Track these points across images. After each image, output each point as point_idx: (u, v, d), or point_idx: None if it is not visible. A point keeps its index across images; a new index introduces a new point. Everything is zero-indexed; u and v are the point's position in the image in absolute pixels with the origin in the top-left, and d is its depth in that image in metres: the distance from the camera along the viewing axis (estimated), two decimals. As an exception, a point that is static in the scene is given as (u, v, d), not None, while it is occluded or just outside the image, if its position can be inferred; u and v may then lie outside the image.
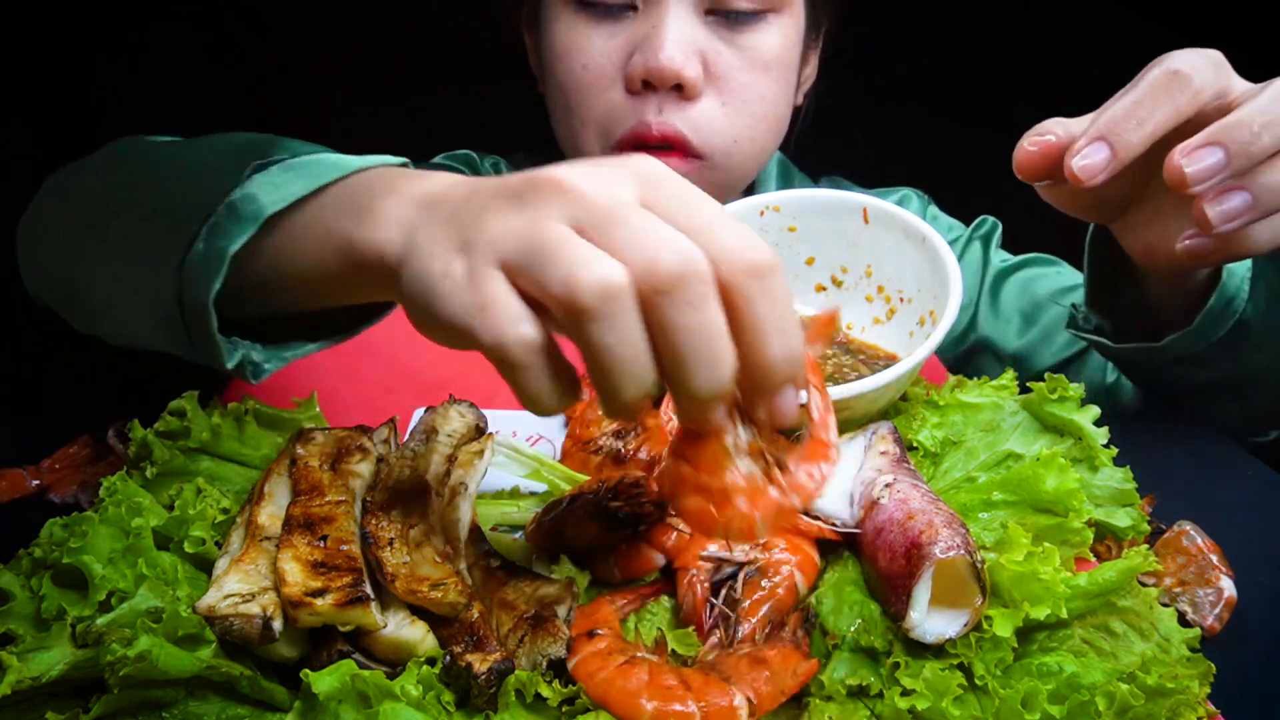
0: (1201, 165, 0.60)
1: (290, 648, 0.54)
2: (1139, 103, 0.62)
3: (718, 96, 0.99)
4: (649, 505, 0.62)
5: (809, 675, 0.55)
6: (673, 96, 0.97)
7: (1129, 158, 0.62)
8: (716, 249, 0.44)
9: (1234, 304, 0.75)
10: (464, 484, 0.62)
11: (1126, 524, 0.66)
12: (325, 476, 0.61)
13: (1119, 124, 0.62)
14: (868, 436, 0.67)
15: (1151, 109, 0.62)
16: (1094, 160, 0.62)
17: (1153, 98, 0.62)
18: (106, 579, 0.55)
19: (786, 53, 1.02)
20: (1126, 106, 0.62)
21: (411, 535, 0.57)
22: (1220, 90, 0.63)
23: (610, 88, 1.00)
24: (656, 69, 0.94)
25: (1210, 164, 0.60)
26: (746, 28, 0.98)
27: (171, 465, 0.66)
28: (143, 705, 0.51)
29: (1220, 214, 0.60)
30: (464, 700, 0.53)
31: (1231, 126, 0.60)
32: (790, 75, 1.04)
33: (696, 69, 0.96)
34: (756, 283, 0.44)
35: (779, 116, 1.05)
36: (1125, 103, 0.63)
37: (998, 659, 0.53)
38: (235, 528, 0.61)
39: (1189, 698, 0.51)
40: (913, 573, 0.54)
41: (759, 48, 0.99)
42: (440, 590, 0.54)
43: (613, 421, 0.75)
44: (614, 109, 1.00)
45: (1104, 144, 0.61)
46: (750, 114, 1.01)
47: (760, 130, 1.03)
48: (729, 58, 0.98)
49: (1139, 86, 0.63)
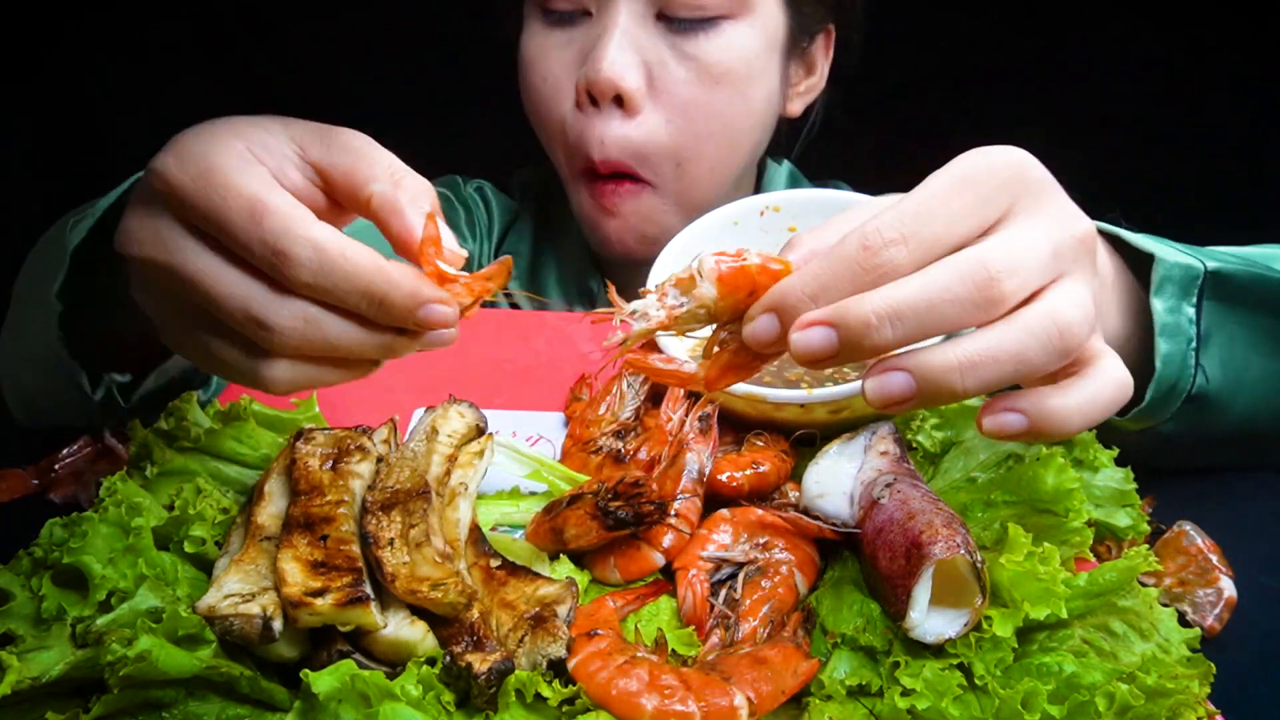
0: (806, 343, 0.46)
1: (290, 648, 0.54)
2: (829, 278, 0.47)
3: (662, 112, 0.96)
4: (649, 505, 0.62)
5: (809, 675, 0.55)
6: (615, 111, 0.95)
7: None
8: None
9: (1178, 385, 0.72)
10: (464, 484, 0.62)
11: (1126, 524, 0.66)
12: (325, 476, 0.61)
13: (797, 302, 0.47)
14: (868, 436, 0.67)
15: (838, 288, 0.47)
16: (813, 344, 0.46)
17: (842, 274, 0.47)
18: (106, 579, 0.55)
19: (744, 62, 0.97)
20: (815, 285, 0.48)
21: (411, 535, 0.57)
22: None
23: (564, 100, 0.99)
24: (595, 81, 0.93)
25: (815, 344, 0.46)
26: (697, 34, 0.95)
27: (171, 465, 0.66)
28: (143, 705, 0.51)
29: (877, 395, 0.47)
30: (464, 700, 0.53)
31: (845, 308, 0.45)
32: (752, 85, 1.00)
33: (636, 80, 0.94)
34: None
35: (737, 129, 1.01)
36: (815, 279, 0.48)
37: (998, 659, 0.53)
38: (235, 528, 0.61)
39: (1189, 698, 0.51)
40: (913, 573, 0.54)
41: (709, 57, 0.95)
42: (440, 590, 0.54)
43: (613, 421, 0.75)
44: (568, 126, 0.99)
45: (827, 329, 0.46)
46: (695, 131, 0.98)
47: (709, 148, 0.99)
48: (675, 69, 0.95)
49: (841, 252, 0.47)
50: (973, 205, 0.47)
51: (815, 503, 0.65)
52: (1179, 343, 0.71)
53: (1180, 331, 0.71)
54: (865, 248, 0.46)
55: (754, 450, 0.70)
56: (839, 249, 0.46)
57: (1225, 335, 0.73)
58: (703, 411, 0.70)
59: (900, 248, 0.45)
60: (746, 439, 0.72)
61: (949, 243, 0.46)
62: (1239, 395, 0.75)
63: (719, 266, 0.49)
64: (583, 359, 0.91)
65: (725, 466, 0.68)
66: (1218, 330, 0.72)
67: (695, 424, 0.69)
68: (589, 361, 0.91)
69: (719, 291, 0.49)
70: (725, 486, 0.67)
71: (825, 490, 0.65)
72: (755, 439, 0.71)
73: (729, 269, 0.49)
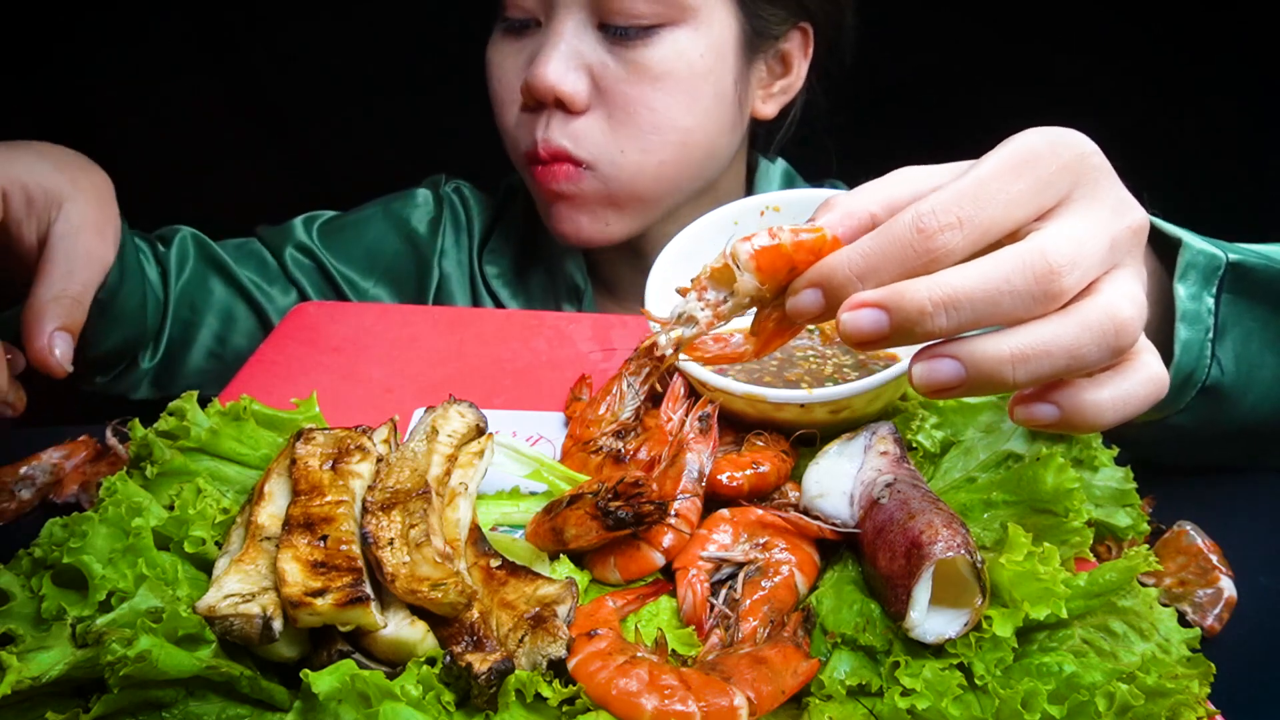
0: (856, 325, 0.45)
1: (290, 648, 0.54)
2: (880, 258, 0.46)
3: (604, 110, 1.01)
4: (649, 505, 0.62)
5: (809, 675, 0.55)
6: (558, 113, 1.00)
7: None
8: None
9: (1194, 375, 0.71)
10: (464, 484, 0.62)
11: (1126, 524, 0.66)
12: (325, 476, 0.61)
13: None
14: (868, 436, 0.67)
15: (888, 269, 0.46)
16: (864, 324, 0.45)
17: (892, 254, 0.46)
18: (106, 579, 0.55)
19: (686, 65, 1.00)
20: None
21: (411, 535, 0.57)
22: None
23: (515, 103, 1.04)
24: (534, 86, 0.98)
25: (866, 326, 0.45)
26: (637, 42, 0.98)
27: (171, 465, 0.66)
28: (143, 705, 0.51)
29: (924, 381, 0.46)
30: (464, 700, 0.53)
31: (903, 290, 0.44)
32: (698, 88, 1.02)
33: (575, 85, 0.98)
34: None
35: (684, 129, 1.03)
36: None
37: (998, 659, 0.53)
38: (235, 528, 0.61)
39: (1189, 698, 0.51)
40: (913, 573, 0.54)
41: (650, 62, 0.99)
42: (440, 590, 0.54)
43: (613, 421, 0.75)
44: (518, 125, 1.05)
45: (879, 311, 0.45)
46: (638, 125, 1.01)
47: (654, 141, 1.02)
48: (616, 72, 0.99)
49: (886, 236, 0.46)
50: (1032, 189, 0.46)
51: (815, 503, 0.65)
52: (1198, 331, 0.70)
53: (1200, 320, 0.71)
54: (919, 230, 0.44)
55: (754, 450, 0.70)
56: (891, 229, 0.45)
57: (1242, 329, 0.73)
58: (703, 411, 0.70)
59: (955, 232, 0.44)
60: (746, 439, 0.72)
61: (1005, 227, 0.45)
62: (1250, 391, 0.75)
63: (755, 251, 0.47)
64: (583, 359, 0.91)
65: (725, 466, 0.68)
66: (1234, 324, 0.72)
67: (695, 424, 0.69)
68: (589, 361, 0.91)
69: (759, 279, 0.48)
70: (725, 486, 0.67)
71: (825, 490, 0.65)
72: (755, 439, 0.71)
73: (765, 251, 0.47)
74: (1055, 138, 0.47)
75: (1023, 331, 0.44)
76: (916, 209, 0.44)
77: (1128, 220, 0.48)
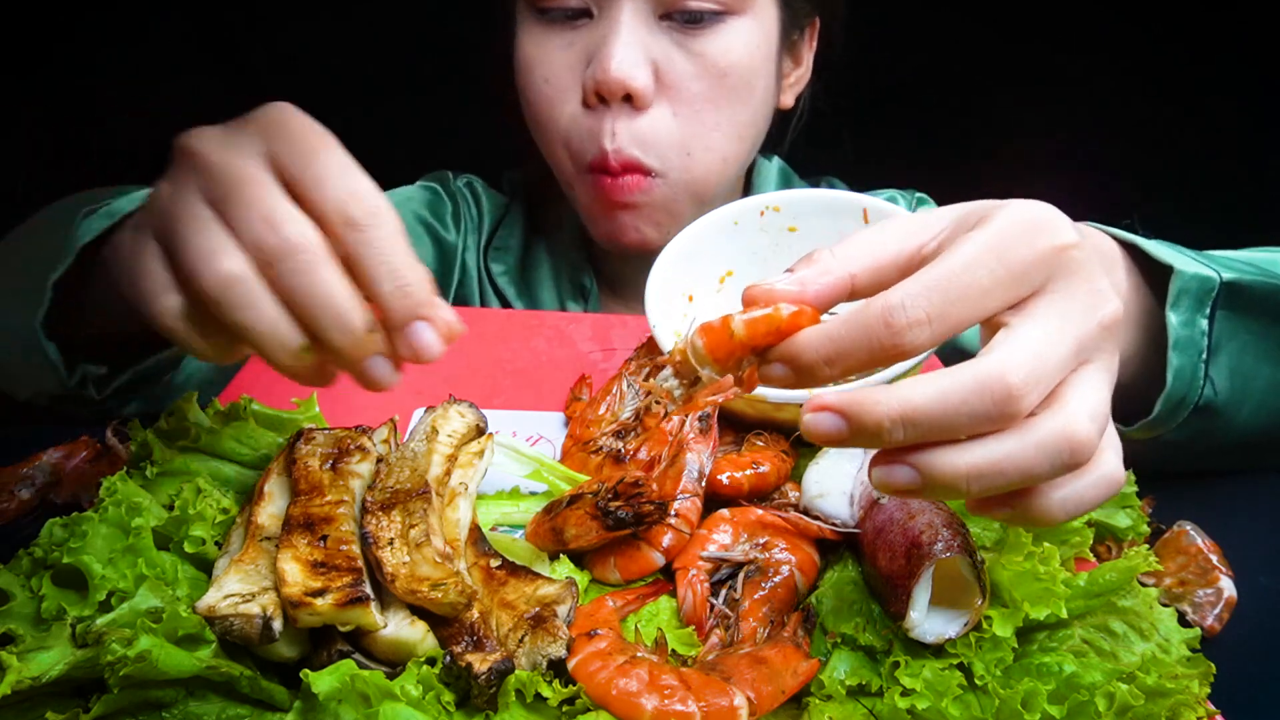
0: (817, 426, 0.45)
1: (290, 648, 0.54)
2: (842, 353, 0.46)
3: (670, 105, 0.98)
4: (649, 505, 0.62)
5: (809, 675, 0.55)
6: (625, 108, 0.97)
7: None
8: (321, 208, 0.49)
9: (1187, 398, 0.71)
10: (464, 484, 0.62)
11: (1126, 524, 0.66)
12: (325, 476, 0.61)
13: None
14: (868, 436, 0.67)
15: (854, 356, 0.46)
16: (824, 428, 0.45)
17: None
18: (106, 579, 0.55)
19: (749, 56, 0.99)
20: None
21: (411, 535, 0.57)
22: None
23: (569, 100, 1.00)
24: (605, 81, 0.94)
25: (825, 429, 0.45)
26: (702, 32, 0.96)
27: (171, 465, 0.66)
28: (143, 705, 0.51)
29: (881, 484, 0.46)
30: (464, 700, 0.53)
31: (862, 403, 0.44)
32: (755, 79, 1.02)
33: (645, 79, 0.95)
34: (357, 234, 0.48)
35: (742, 123, 1.03)
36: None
37: (997, 659, 0.53)
38: (235, 528, 0.61)
39: (1189, 698, 0.51)
40: (913, 573, 0.54)
41: (715, 53, 0.97)
42: (440, 590, 0.54)
43: (613, 421, 0.75)
44: (574, 124, 1.00)
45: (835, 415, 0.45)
46: (703, 122, 0.99)
47: (717, 139, 1.01)
48: (682, 65, 0.97)
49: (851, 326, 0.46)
50: (1004, 282, 0.45)
51: (815, 503, 0.65)
52: (1190, 356, 0.70)
53: (1193, 345, 0.70)
54: (888, 325, 0.44)
55: (754, 450, 0.70)
56: (861, 316, 0.45)
57: (1237, 345, 0.72)
58: (703, 411, 0.70)
59: (923, 329, 0.44)
60: (746, 439, 0.72)
61: (974, 320, 0.45)
62: (1245, 404, 0.74)
63: (707, 346, 0.49)
64: (583, 359, 0.91)
65: (725, 466, 0.68)
66: (1229, 340, 0.72)
67: (695, 424, 0.69)
68: (589, 361, 0.91)
69: (718, 370, 0.50)
70: (725, 486, 0.67)
71: (825, 490, 0.65)
72: (755, 439, 0.71)
73: (719, 346, 0.49)
74: (1035, 225, 0.46)
75: (979, 448, 0.44)
76: (886, 300, 0.44)
77: (1098, 316, 0.46)
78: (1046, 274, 0.46)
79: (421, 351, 0.50)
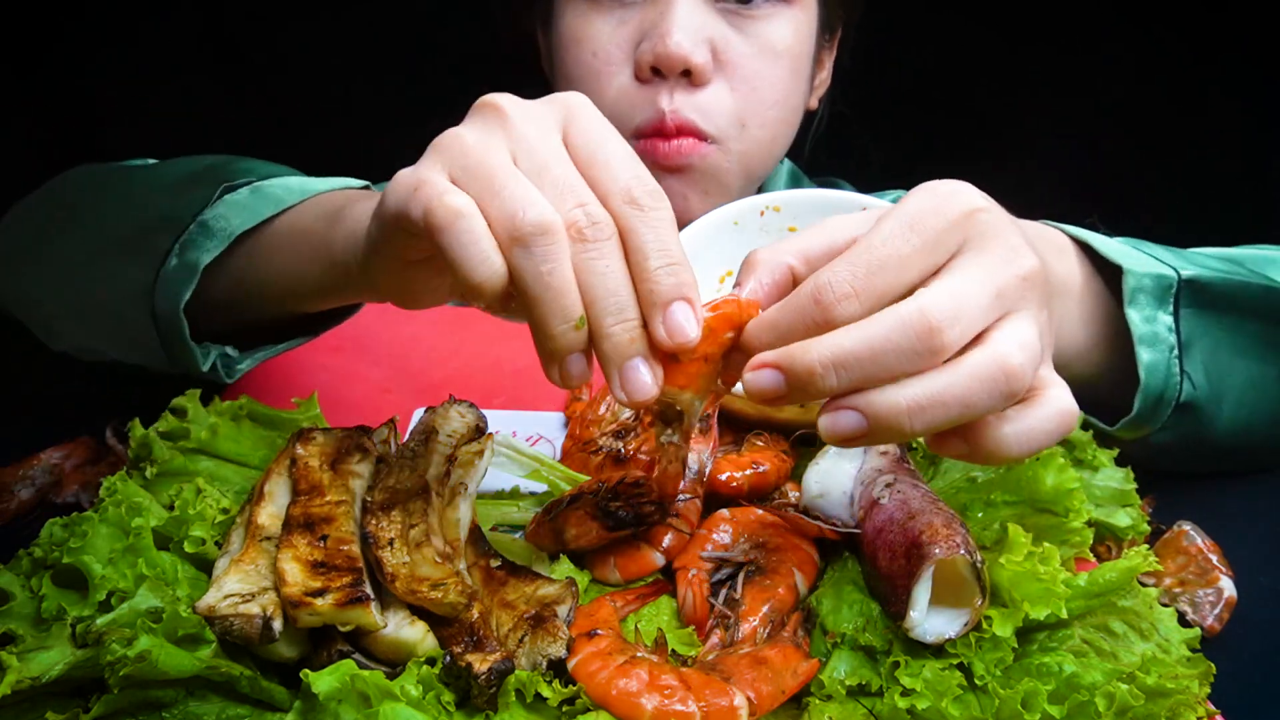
0: (757, 383, 0.48)
1: (290, 648, 0.54)
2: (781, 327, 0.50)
3: (727, 82, 0.98)
4: (649, 505, 0.62)
5: (809, 675, 0.55)
6: (682, 83, 0.97)
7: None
8: (609, 187, 0.50)
9: (1165, 394, 0.72)
10: (464, 484, 0.62)
11: (1126, 524, 0.66)
12: (325, 476, 0.61)
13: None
14: (868, 436, 0.67)
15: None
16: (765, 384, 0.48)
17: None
18: (106, 579, 0.55)
19: (799, 44, 1.01)
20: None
21: (411, 535, 0.57)
22: None
23: (619, 74, 0.99)
24: (665, 55, 0.94)
25: (765, 384, 0.48)
26: (757, 16, 0.98)
27: (171, 465, 0.67)
28: (143, 705, 0.51)
29: (828, 432, 0.48)
30: (464, 700, 0.53)
31: (793, 352, 0.47)
32: (802, 67, 1.03)
33: (705, 55, 0.95)
34: (639, 212, 0.49)
35: (791, 107, 1.04)
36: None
37: (997, 659, 0.53)
38: (235, 528, 0.61)
39: (1189, 698, 0.51)
40: (913, 573, 0.54)
41: (769, 36, 0.98)
42: (440, 590, 0.54)
43: (613, 421, 0.75)
44: (624, 95, 0.99)
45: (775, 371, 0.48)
46: (760, 100, 1.00)
47: (771, 117, 1.01)
48: (738, 45, 0.98)
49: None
50: (921, 250, 0.48)
51: (815, 503, 0.65)
52: (1160, 351, 0.71)
53: (1160, 340, 0.71)
54: (818, 302, 0.47)
55: (754, 450, 0.70)
56: (794, 299, 0.49)
57: (1210, 340, 0.73)
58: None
59: (851, 302, 0.47)
60: (746, 439, 0.72)
61: (899, 290, 0.48)
62: (1225, 400, 0.75)
63: (668, 376, 0.52)
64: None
65: (725, 466, 0.68)
66: (1200, 337, 0.72)
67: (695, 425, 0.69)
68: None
69: (692, 392, 0.53)
70: (725, 486, 0.67)
71: (825, 490, 0.65)
72: (755, 439, 0.71)
73: (674, 370, 0.52)
74: (943, 197, 0.50)
75: (916, 384, 0.46)
76: (815, 281, 0.48)
77: (1015, 268, 0.49)
78: (961, 238, 0.49)
79: (676, 331, 0.49)
